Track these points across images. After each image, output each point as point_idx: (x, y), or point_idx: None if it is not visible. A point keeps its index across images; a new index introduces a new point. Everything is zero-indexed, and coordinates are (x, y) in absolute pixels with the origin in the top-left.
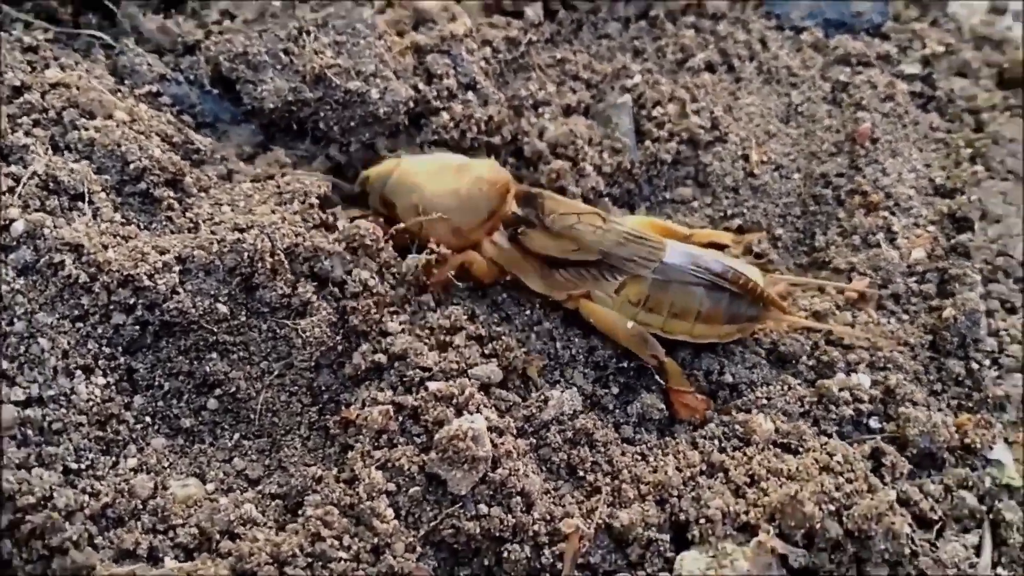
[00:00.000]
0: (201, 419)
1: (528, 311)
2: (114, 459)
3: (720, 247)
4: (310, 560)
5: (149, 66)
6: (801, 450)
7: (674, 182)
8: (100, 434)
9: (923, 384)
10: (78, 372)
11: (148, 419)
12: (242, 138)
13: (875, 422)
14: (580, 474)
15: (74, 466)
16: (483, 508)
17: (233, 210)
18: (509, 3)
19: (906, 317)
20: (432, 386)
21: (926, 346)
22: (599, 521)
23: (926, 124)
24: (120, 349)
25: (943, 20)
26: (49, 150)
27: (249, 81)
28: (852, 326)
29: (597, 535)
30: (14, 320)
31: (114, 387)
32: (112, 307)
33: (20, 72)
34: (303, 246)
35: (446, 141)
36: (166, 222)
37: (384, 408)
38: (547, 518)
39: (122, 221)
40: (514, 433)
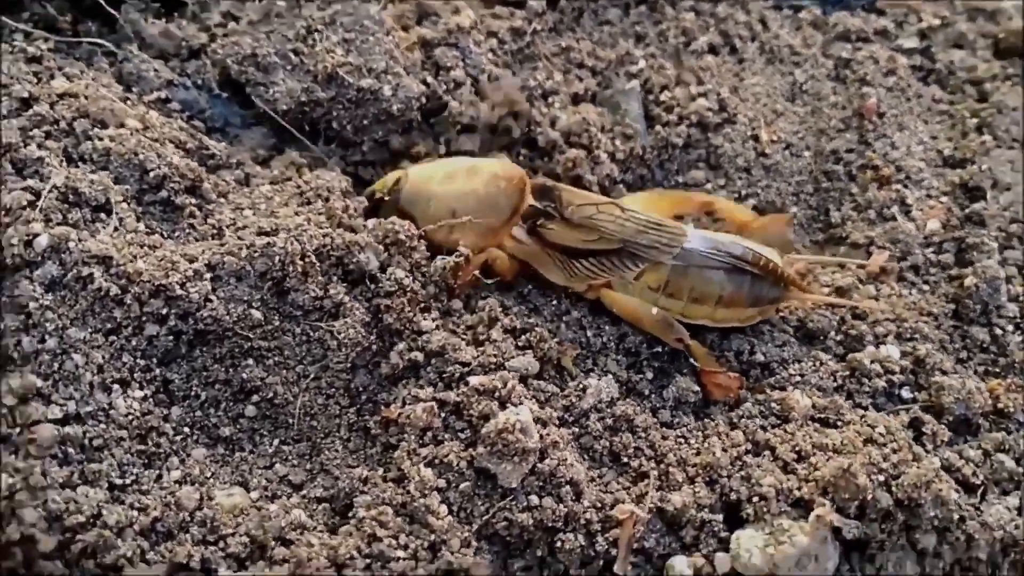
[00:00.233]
0: (240, 427)
1: (555, 301)
2: (157, 472)
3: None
4: (368, 561)
5: (155, 72)
6: (840, 424)
7: (686, 165)
8: (141, 448)
9: (949, 353)
10: (115, 386)
11: (187, 430)
12: (254, 141)
13: (907, 392)
14: (624, 460)
15: (119, 482)
16: (534, 499)
17: (255, 214)
18: None
19: (927, 288)
20: (473, 380)
21: (949, 315)
22: (651, 505)
23: (928, 97)
24: (155, 360)
25: None
26: (64, 162)
27: (260, 83)
28: (876, 299)
29: (650, 519)
30: (45, 337)
31: (152, 399)
32: (145, 318)
33: (27, 84)
34: (333, 245)
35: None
36: (189, 229)
37: (428, 405)
38: (597, 505)
39: (146, 231)
40: (556, 423)
